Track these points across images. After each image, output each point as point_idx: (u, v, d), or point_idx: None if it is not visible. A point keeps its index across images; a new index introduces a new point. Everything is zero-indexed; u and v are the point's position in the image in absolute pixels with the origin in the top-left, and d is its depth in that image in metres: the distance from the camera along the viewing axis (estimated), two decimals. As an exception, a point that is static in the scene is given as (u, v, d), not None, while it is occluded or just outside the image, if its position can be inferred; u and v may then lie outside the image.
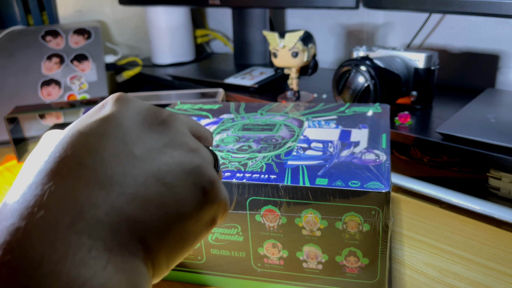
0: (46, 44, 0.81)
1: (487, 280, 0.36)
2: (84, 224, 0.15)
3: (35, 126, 0.78)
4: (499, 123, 0.50)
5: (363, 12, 0.80)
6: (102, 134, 0.17)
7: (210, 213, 0.19)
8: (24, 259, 0.13)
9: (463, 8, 0.50)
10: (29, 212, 0.14)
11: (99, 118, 0.18)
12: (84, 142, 0.17)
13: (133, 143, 0.18)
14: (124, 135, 0.18)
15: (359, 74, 0.54)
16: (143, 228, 0.16)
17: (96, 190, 0.16)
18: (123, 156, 0.17)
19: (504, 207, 0.44)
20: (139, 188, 0.17)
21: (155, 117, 0.19)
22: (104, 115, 0.18)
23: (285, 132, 0.40)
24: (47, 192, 0.15)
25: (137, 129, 0.18)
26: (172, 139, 0.19)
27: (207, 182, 0.19)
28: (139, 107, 0.19)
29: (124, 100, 0.19)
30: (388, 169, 0.32)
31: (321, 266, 0.33)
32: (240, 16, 0.89)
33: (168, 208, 0.17)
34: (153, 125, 0.19)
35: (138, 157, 0.17)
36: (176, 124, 0.20)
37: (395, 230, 0.44)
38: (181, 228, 0.18)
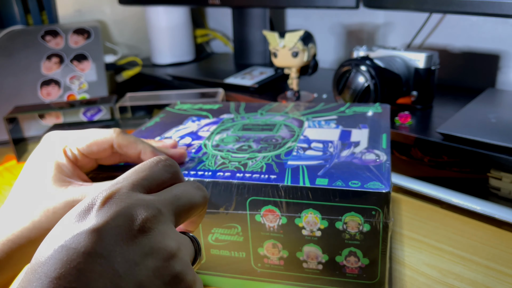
0: (45, 44, 0.81)
1: (488, 280, 0.36)
2: None
3: (35, 126, 0.78)
4: (499, 123, 0.50)
5: (363, 12, 0.80)
6: (89, 252, 0.18)
7: None
8: None
9: (464, 8, 0.50)
10: None
11: (85, 232, 0.18)
12: (71, 261, 0.17)
13: (117, 261, 0.18)
14: (109, 254, 0.18)
15: (360, 74, 0.54)
16: None
17: None
18: (108, 278, 0.17)
19: (504, 207, 0.44)
20: None
21: (134, 226, 0.19)
22: (89, 229, 0.18)
23: (285, 132, 0.40)
24: None
25: (120, 243, 0.19)
26: (151, 247, 0.19)
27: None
28: (122, 216, 0.19)
29: (110, 207, 0.20)
30: (388, 169, 0.32)
31: (321, 266, 0.33)
32: (240, 16, 0.89)
33: None
34: (133, 236, 0.19)
35: (122, 275, 0.18)
36: (156, 227, 0.20)
37: (395, 230, 0.44)
38: None
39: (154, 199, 0.21)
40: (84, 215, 0.20)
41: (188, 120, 0.46)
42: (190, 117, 0.47)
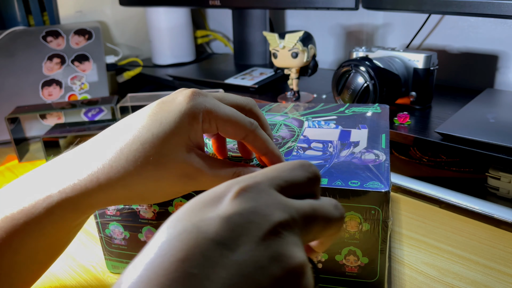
0: (47, 45, 0.81)
1: (487, 279, 0.37)
2: None
3: (36, 126, 0.78)
4: (498, 123, 0.50)
5: (362, 13, 0.81)
6: (217, 241, 0.16)
7: None
8: None
9: (462, 9, 0.50)
10: None
11: (217, 217, 0.17)
12: (198, 244, 0.16)
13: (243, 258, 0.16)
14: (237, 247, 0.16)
15: (359, 75, 0.54)
16: None
17: None
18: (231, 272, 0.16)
19: (503, 207, 0.45)
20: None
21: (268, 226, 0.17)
22: (222, 215, 0.17)
23: (285, 132, 0.41)
24: None
25: (249, 239, 0.17)
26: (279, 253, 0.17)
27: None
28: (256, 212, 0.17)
29: (247, 198, 0.18)
30: (387, 169, 0.32)
31: (320, 265, 0.33)
32: (240, 17, 0.90)
33: None
34: (264, 235, 0.17)
35: (244, 274, 0.16)
36: (288, 235, 0.18)
37: (394, 230, 0.44)
38: None
39: (292, 205, 0.19)
40: (216, 201, 0.18)
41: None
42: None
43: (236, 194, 0.18)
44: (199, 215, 0.17)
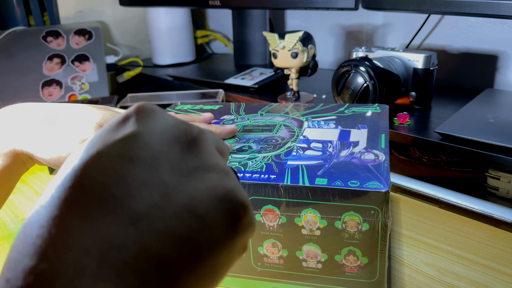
0: (47, 45, 0.81)
1: (486, 279, 0.37)
2: (110, 269, 0.13)
3: (36, 127, 0.78)
4: (497, 123, 0.50)
5: (362, 13, 0.81)
6: (129, 157, 0.15)
7: (243, 240, 0.18)
8: None
9: (462, 9, 0.50)
10: (53, 253, 0.13)
11: (124, 137, 0.16)
12: (109, 166, 0.15)
13: (163, 168, 0.16)
14: (152, 158, 0.16)
15: (358, 75, 0.54)
16: (172, 267, 0.15)
17: (124, 227, 0.14)
18: (153, 184, 0.15)
19: (502, 207, 0.45)
20: (169, 222, 0.15)
21: (185, 135, 0.18)
22: (128, 133, 0.16)
23: (285, 133, 0.41)
24: (73, 229, 0.13)
25: (166, 150, 0.16)
26: (202, 161, 0.17)
27: (241, 209, 0.17)
28: (166, 123, 0.18)
29: (150, 113, 0.17)
30: (387, 169, 0.32)
31: (320, 265, 0.33)
32: (240, 17, 0.90)
33: (200, 242, 0.16)
34: (183, 145, 0.17)
35: (168, 184, 0.16)
36: (206, 143, 0.18)
37: (394, 230, 0.44)
38: (214, 261, 0.16)
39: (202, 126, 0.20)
40: (123, 123, 0.17)
41: (189, 121, 0.46)
42: (190, 118, 0.47)
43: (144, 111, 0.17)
44: (107, 139, 0.16)
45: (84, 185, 0.14)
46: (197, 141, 0.18)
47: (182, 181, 0.16)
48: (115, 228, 0.14)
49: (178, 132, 0.18)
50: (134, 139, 0.16)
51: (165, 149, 0.17)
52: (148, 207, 0.15)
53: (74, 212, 0.14)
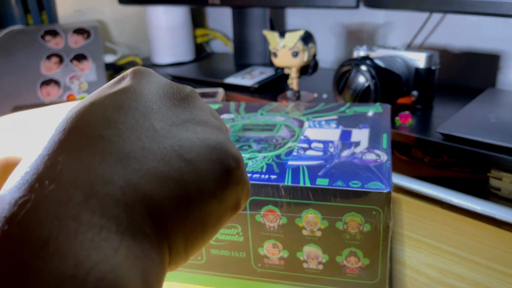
0: (45, 44, 0.81)
1: (488, 280, 0.36)
2: (97, 201, 0.13)
3: (35, 126, 0.78)
4: (500, 123, 0.50)
5: (363, 11, 0.80)
6: (121, 105, 0.16)
7: (234, 194, 0.18)
8: (31, 236, 0.12)
9: (464, 8, 0.50)
10: (39, 185, 0.13)
11: (118, 89, 0.17)
12: (101, 113, 0.15)
13: (154, 117, 0.16)
14: (144, 107, 0.16)
15: (360, 74, 0.54)
16: (160, 207, 0.15)
17: (112, 164, 0.14)
18: (143, 129, 0.16)
19: (505, 208, 0.44)
20: (158, 163, 0.15)
21: (178, 92, 0.18)
22: (123, 86, 0.17)
23: (286, 132, 0.40)
24: (60, 164, 0.14)
25: (159, 102, 0.17)
26: (194, 115, 0.18)
27: (232, 160, 0.17)
28: (160, 81, 0.18)
29: (145, 73, 0.18)
30: (389, 169, 0.32)
31: (321, 266, 0.33)
32: (240, 16, 0.89)
33: (189, 185, 0.16)
34: (175, 100, 0.18)
35: (159, 131, 0.16)
36: (198, 101, 0.19)
37: (395, 231, 0.44)
38: (203, 208, 0.16)
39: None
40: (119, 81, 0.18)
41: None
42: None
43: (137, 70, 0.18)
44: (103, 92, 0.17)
45: (75, 128, 0.15)
46: (190, 98, 0.19)
47: (172, 130, 0.17)
48: (102, 165, 0.14)
49: (171, 88, 0.18)
50: (128, 91, 0.17)
51: (157, 102, 0.17)
52: (137, 148, 0.15)
53: (63, 150, 0.14)
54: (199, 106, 0.19)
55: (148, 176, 0.15)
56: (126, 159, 0.15)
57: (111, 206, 0.14)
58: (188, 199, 0.16)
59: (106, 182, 0.14)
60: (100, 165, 0.14)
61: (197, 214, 0.16)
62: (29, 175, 0.14)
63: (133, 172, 0.15)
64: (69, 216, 0.13)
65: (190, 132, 0.17)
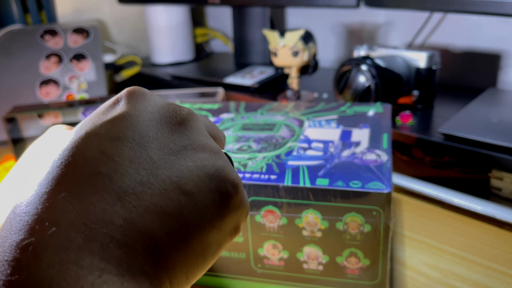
0: (44, 44, 0.81)
1: (489, 281, 0.36)
2: (97, 243, 0.13)
3: (34, 126, 0.78)
4: (501, 123, 0.49)
5: (364, 11, 0.80)
6: (118, 136, 0.16)
7: (234, 220, 0.18)
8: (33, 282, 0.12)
9: (465, 7, 0.49)
10: (39, 228, 0.13)
11: (113, 118, 0.16)
12: (97, 146, 0.15)
13: (151, 147, 0.16)
14: (141, 137, 0.16)
15: (360, 74, 0.54)
16: (159, 244, 0.15)
17: (111, 203, 0.14)
18: (141, 162, 0.15)
19: (506, 208, 0.44)
20: (157, 199, 0.15)
21: (174, 115, 0.18)
22: (118, 113, 0.16)
23: (286, 132, 0.40)
24: (60, 205, 0.14)
25: (155, 129, 0.17)
26: (192, 141, 0.17)
27: (231, 187, 0.17)
28: (156, 104, 0.18)
29: (140, 96, 0.18)
30: (389, 170, 0.32)
31: (321, 267, 0.33)
32: (240, 15, 0.89)
33: (188, 219, 0.16)
34: (172, 125, 0.17)
35: (156, 162, 0.16)
36: (196, 124, 0.18)
37: (396, 231, 0.44)
38: (203, 240, 0.16)
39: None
40: (113, 105, 0.17)
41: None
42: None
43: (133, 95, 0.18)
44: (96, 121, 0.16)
45: (71, 163, 0.15)
46: (187, 121, 0.18)
47: (170, 159, 0.16)
48: (102, 204, 0.14)
49: (167, 112, 0.18)
50: (123, 119, 0.16)
51: (153, 129, 0.17)
52: (135, 183, 0.15)
53: (61, 189, 0.14)
54: (196, 128, 0.18)
55: (147, 213, 0.15)
56: (125, 196, 0.15)
57: (111, 247, 0.14)
58: (188, 233, 0.16)
59: (105, 223, 0.14)
60: (99, 205, 0.14)
61: (197, 246, 0.16)
62: (29, 216, 0.14)
63: (132, 209, 0.15)
64: (70, 260, 0.13)
65: (188, 160, 0.17)
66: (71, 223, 0.13)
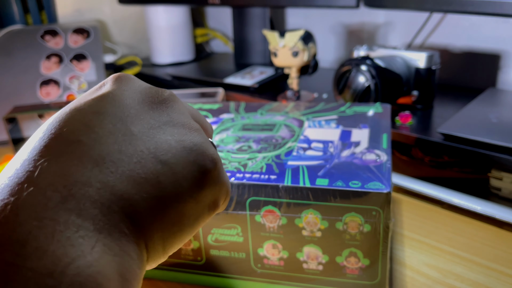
0: (45, 44, 0.81)
1: (489, 280, 0.36)
2: (74, 202, 0.14)
3: (34, 126, 0.78)
4: (500, 123, 0.50)
5: (363, 11, 0.80)
6: (100, 111, 0.17)
7: (212, 195, 0.18)
8: (11, 236, 0.13)
9: (464, 8, 0.50)
10: (19, 188, 0.14)
11: (98, 96, 0.17)
12: (80, 118, 0.16)
13: (131, 121, 0.17)
14: (122, 112, 0.17)
15: (360, 74, 0.54)
16: (136, 208, 0.15)
17: (89, 168, 0.15)
18: (120, 134, 0.16)
19: (505, 208, 0.44)
20: (134, 166, 0.16)
21: (156, 95, 0.19)
22: (103, 93, 0.18)
23: (285, 132, 0.40)
24: (39, 168, 0.15)
25: (137, 107, 0.18)
26: (172, 118, 0.18)
27: (209, 161, 0.18)
28: (139, 86, 0.19)
29: (125, 79, 0.19)
30: (389, 169, 0.32)
31: (321, 267, 0.33)
32: (240, 15, 0.89)
33: (165, 187, 0.16)
34: (153, 104, 0.18)
35: (136, 134, 0.17)
36: (177, 104, 0.19)
37: (396, 231, 0.44)
38: (179, 209, 0.17)
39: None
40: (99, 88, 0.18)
41: (188, 120, 0.46)
42: (189, 117, 0.47)
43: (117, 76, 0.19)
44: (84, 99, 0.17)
45: (54, 134, 0.16)
46: (168, 101, 0.19)
47: (150, 133, 0.17)
48: (80, 168, 0.15)
49: (150, 93, 0.19)
50: (107, 97, 0.17)
51: (135, 106, 0.18)
52: (113, 151, 0.16)
53: (43, 155, 0.15)
54: (177, 108, 0.19)
55: (124, 178, 0.16)
56: (103, 162, 0.15)
57: (88, 206, 0.14)
58: (164, 199, 0.16)
59: (83, 184, 0.15)
60: (78, 168, 0.15)
61: (174, 214, 0.17)
62: (10, 180, 0.14)
63: (109, 174, 0.15)
64: (47, 216, 0.13)
65: (167, 134, 0.17)
66: (49, 184, 0.14)
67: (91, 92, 0.18)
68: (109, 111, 0.17)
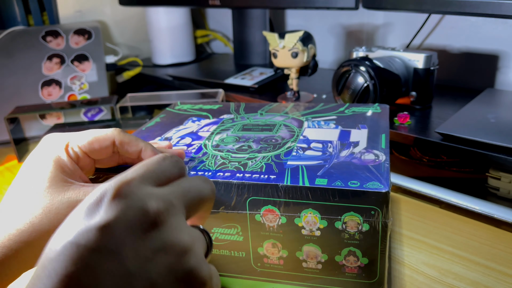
0: (46, 45, 0.81)
1: (487, 280, 0.36)
2: None
3: (36, 126, 0.78)
4: (498, 123, 0.50)
5: (362, 12, 0.81)
6: (97, 249, 0.17)
7: None
8: None
9: (463, 9, 0.50)
10: None
11: (95, 228, 0.18)
12: (80, 257, 0.17)
13: (126, 256, 0.18)
14: (118, 247, 0.18)
15: (359, 75, 0.54)
16: None
17: None
18: (117, 274, 0.17)
19: (503, 207, 0.44)
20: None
21: (147, 220, 0.19)
22: (99, 224, 0.18)
23: (285, 132, 0.41)
24: None
25: (132, 238, 0.18)
26: (164, 242, 0.19)
27: (199, 285, 0.19)
28: (134, 210, 0.19)
29: (121, 201, 0.19)
30: (387, 169, 0.32)
31: (320, 265, 0.33)
32: (240, 17, 0.90)
33: None
34: (145, 230, 0.19)
35: (133, 273, 0.18)
36: (168, 224, 0.20)
37: (394, 230, 0.44)
38: None
39: (165, 191, 0.21)
40: (93, 209, 0.19)
41: (188, 121, 0.46)
42: (190, 118, 0.47)
43: (112, 197, 0.19)
44: (79, 228, 0.18)
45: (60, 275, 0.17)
46: (159, 222, 0.19)
47: (144, 267, 0.18)
48: None
49: (141, 218, 0.19)
50: (105, 231, 0.18)
51: (130, 237, 0.18)
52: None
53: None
54: (168, 226, 0.20)
55: None
56: None
57: None
58: None
59: None
60: None
61: None
62: None
63: None
64: None
65: (161, 266, 0.19)
66: None
67: (87, 211, 0.19)
68: (108, 248, 0.18)
